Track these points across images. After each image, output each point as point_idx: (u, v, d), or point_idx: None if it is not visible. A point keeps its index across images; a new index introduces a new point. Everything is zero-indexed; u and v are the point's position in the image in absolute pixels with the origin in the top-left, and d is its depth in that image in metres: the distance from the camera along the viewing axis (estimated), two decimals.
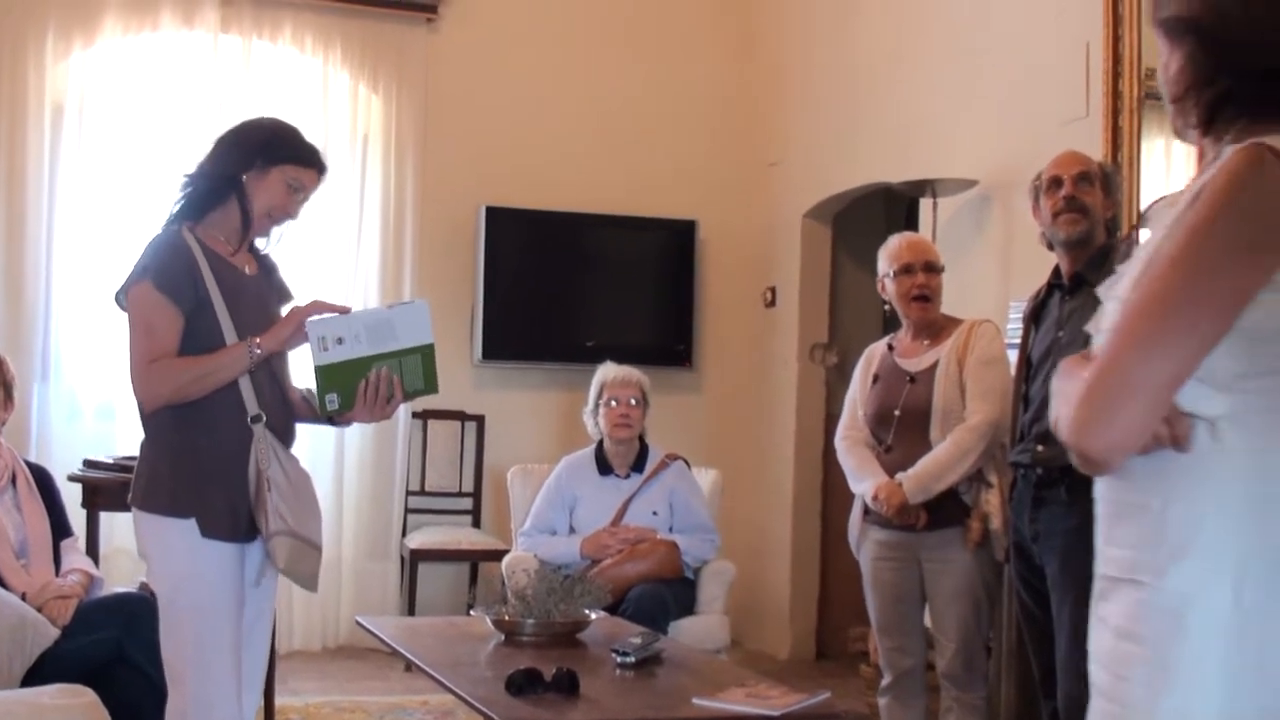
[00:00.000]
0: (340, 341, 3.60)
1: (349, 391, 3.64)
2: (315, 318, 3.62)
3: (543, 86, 7.90)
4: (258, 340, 3.58)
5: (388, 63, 7.57)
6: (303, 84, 7.45)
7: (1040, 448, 4.19)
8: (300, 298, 3.81)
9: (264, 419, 3.61)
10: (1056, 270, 4.36)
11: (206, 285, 3.59)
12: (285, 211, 3.77)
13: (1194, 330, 1.91)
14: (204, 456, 3.59)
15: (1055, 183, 4.29)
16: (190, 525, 3.54)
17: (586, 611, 4.51)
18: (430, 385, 3.73)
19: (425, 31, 7.65)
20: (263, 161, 3.69)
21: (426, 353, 3.70)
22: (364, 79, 7.54)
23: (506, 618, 4.43)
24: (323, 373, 3.61)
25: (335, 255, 7.39)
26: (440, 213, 7.65)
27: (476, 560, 7.38)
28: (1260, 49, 2.02)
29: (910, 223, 6.82)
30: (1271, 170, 1.92)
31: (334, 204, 7.30)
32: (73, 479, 5.35)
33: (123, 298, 3.64)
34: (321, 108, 7.41)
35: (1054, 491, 4.15)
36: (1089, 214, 4.25)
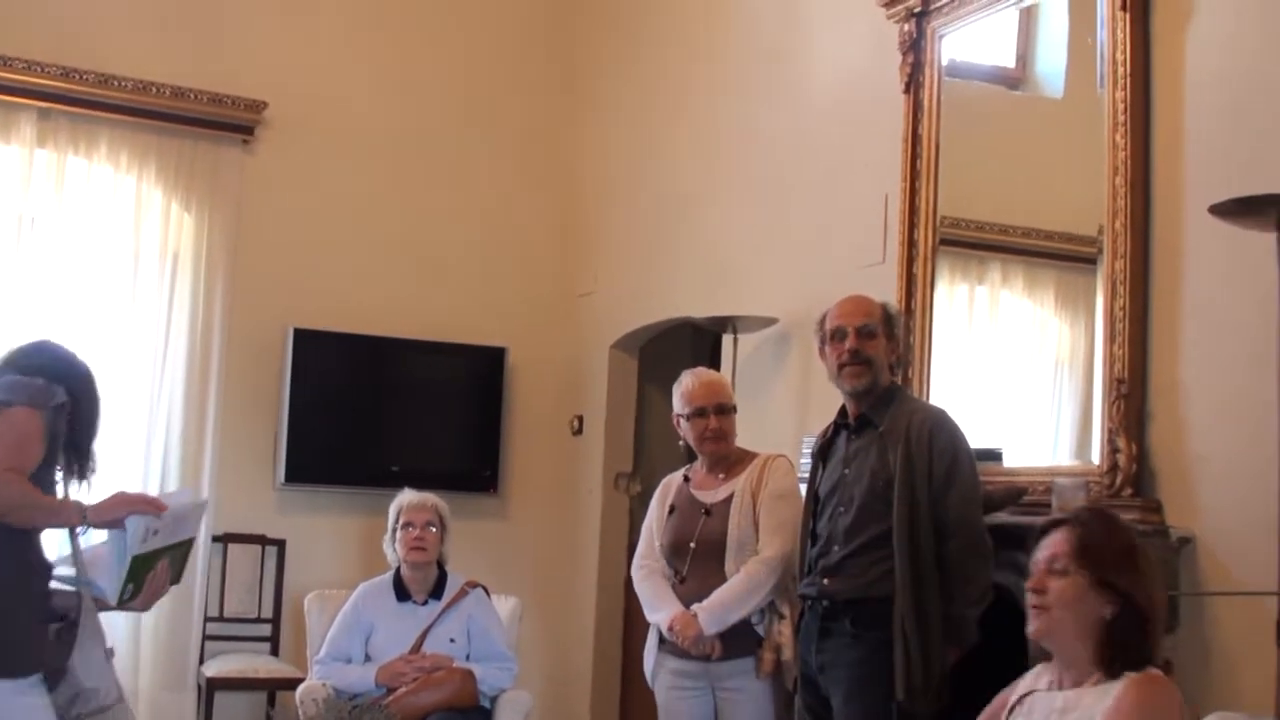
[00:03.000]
0: (156, 533, 3.67)
1: (141, 581, 3.70)
2: (144, 516, 3.68)
3: (356, 211, 7.94)
4: (88, 510, 3.63)
5: (201, 182, 7.52)
6: (115, 201, 7.34)
7: (826, 581, 4.32)
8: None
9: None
10: (843, 410, 4.50)
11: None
12: None
13: None
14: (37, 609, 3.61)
15: (839, 334, 4.44)
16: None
17: None
18: (179, 577, 3.86)
19: (240, 152, 7.64)
20: None
21: (190, 546, 3.81)
22: (176, 197, 7.46)
23: None
24: (135, 562, 3.65)
25: (140, 373, 7.27)
26: (248, 333, 7.59)
27: (274, 689, 7.23)
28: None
29: (715, 356, 6.96)
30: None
31: (141, 322, 7.25)
32: None
33: None
34: (133, 225, 7.32)
35: (839, 624, 4.27)
36: (872, 365, 4.40)
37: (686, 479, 5.07)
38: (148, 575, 3.74)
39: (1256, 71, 4.25)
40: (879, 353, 4.43)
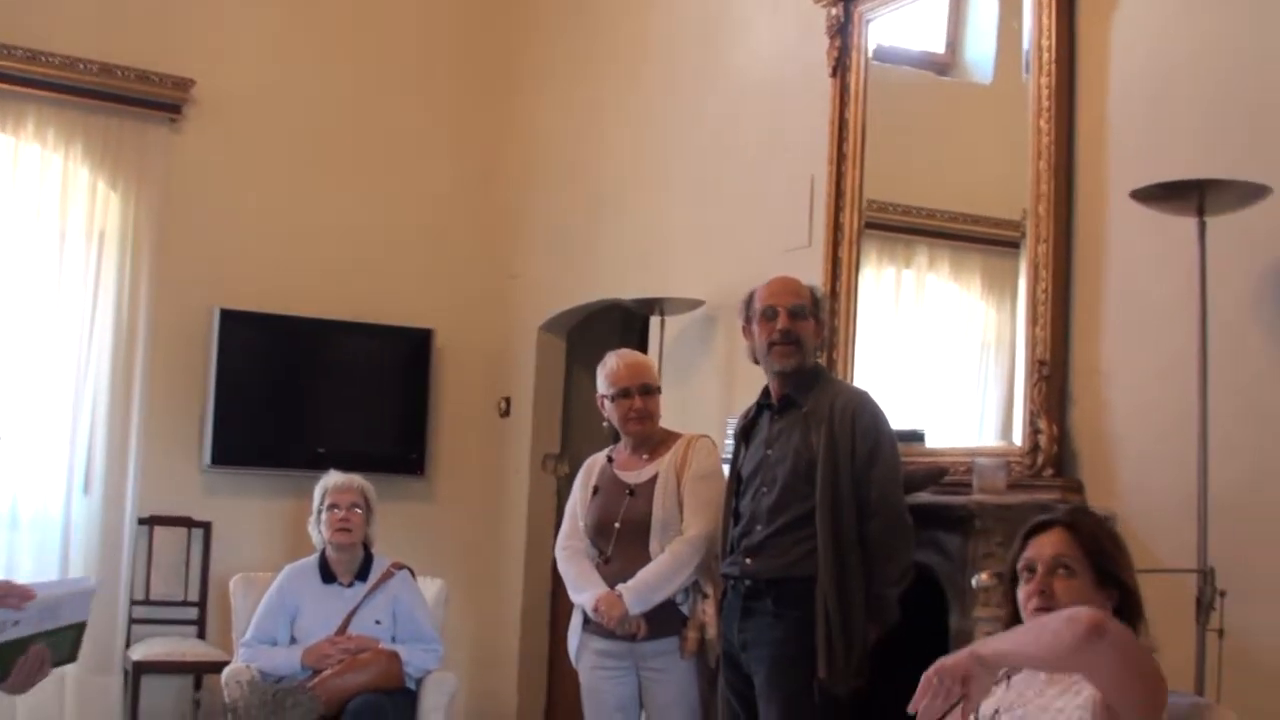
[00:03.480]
0: (16, 624, 3.62)
1: (8, 666, 3.66)
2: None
3: (283, 191, 7.87)
4: None
5: (128, 160, 7.42)
6: (42, 179, 7.24)
7: (749, 560, 4.34)
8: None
9: None
10: (766, 390, 4.52)
11: None
12: None
13: None
14: None
15: (770, 313, 4.45)
16: None
17: None
18: (73, 656, 3.80)
19: (167, 131, 7.55)
20: None
21: (80, 628, 3.76)
22: (103, 176, 7.37)
23: None
24: None
25: (65, 353, 7.19)
26: (174, 313, 7.50)
27: (201, 672, 7.16)
28: None
29: (643, 338, 6.97)
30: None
31: (66, 301, 7.17)
32: None
33: None
34: (59, 204, 7.23)
35: (761, 603, 4.29)
36: (802, 345, 4.43)
37: (610, 459, 5.08)
38: (17, 659, 3.70)
39: (1179, 59, 4.30)
40: (808, 334, 4.46)
